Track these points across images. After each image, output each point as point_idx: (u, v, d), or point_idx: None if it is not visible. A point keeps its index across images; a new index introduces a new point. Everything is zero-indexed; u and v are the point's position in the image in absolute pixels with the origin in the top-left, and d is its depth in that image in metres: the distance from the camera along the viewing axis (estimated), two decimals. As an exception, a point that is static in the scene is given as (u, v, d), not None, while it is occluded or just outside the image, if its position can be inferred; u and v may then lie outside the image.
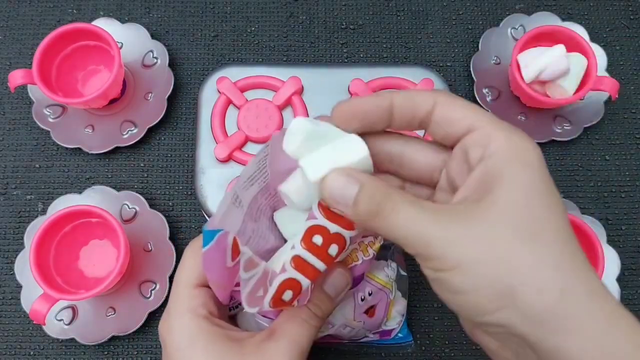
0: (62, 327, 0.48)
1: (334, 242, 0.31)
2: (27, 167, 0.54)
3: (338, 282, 0.35)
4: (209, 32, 0.58)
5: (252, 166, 0.34)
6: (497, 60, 0.56)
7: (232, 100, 0.51)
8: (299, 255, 0.31)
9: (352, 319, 0.40)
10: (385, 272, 0.40)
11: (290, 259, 0.31)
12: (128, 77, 0.55)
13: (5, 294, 0.51)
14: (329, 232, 0.31)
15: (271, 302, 0.31)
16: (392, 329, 0.43)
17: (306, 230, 0.31)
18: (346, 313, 0.39)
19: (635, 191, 0.54)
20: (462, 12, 0.59)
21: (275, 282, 0.31)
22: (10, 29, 0.58)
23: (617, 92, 0.51)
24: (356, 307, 0.39)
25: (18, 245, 0.51)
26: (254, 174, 0.34)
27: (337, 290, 0.35)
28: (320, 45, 0.58)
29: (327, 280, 0.35)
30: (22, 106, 0.56)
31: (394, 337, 0.44)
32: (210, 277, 0.32)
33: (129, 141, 0.53)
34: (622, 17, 0.59)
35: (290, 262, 0.31)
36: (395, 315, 0.42)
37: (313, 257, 0.31)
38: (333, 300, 0.35)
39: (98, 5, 0.58)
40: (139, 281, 0.50)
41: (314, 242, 0.31)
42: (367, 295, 0.39)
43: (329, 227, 0.31)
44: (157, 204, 0.53)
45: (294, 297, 0.31)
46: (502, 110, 0.54)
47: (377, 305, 0.40)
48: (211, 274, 0.32)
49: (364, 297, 0.39)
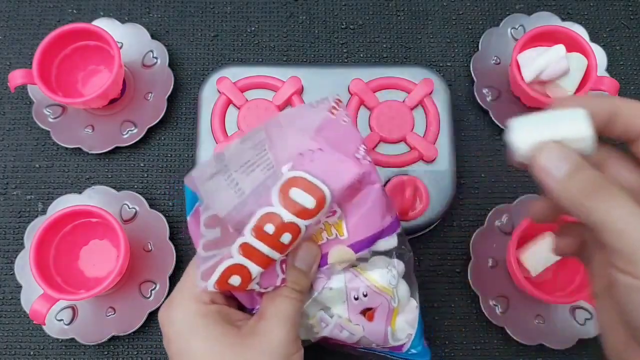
0: (62, 327, 0.48)
1: (287, 230, 0.33)
2: (27, 167, 0.54)
3: (306, 256, 0.36)
4: (209, 32, 0.58)
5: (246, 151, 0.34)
6: (497, 60, 0.56)
7: (232, 100, 0.51)
8: (248, 242, 0.32)
9: (347, 319, 0.38)
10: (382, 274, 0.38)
11: (239, 246, 0.32)
12: (128, 77, 0.55)
13: (5, 294, 0.51)
14: (282, 220, 0.32)
15: (216, 284, 0.33)
16: (401, 344, 0.40)
17: (259, 218, 0.32)
18: (339, 310, 0.38)
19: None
20: (462, 12, 0.59)
21: (221, 266, 0.33)
22: (10, 29, 0.58)
23: (617, 92, 0.51)
24: (349, 306, 0.38)
25: (18, 245, 0.51)
26: (251, 159, 0.34)
27: (307, 264, 0.36)
28: (320, 45, 0.58)
29: (297, 256, 0.36)
30: (22, 106, 0.56)
31: (407, 352, 0.41)
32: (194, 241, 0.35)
33: (129, 141, 0.53)
34: (622, 17, 0.59)
35: (238, 249, 0.32)
36: (402, 326, 0.40)
37: (263, 245, 0.33)
38: (307, 274, 0.36)
39: (98, 5, 0.58)
40: (139, 281, 0.50)
41: (265, 231, 0.32)
42: (362, 296, 0.38)
43: (283, 215, 0.32)
44: (157, 204, 0.53)
45: (243, 282, 0.33)
46: (502, 110, 0.54)
47: (376, 309, 0.39)
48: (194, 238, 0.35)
49: (357, 296, 0.38)
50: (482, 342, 0.50)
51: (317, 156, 0.35)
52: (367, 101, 0.50)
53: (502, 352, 0.50)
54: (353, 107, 0.51)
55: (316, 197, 0.33)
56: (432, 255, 0.52)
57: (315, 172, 0.34)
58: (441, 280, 0.52)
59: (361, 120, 0.51)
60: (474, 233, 0.51)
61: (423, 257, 0.52)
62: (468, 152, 0.55)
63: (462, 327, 0.51)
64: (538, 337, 0.48)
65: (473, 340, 0.50)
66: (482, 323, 0.50)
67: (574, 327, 0.48)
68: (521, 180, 0.54)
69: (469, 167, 0.54)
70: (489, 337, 0.50)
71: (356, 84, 0.51)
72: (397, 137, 0.50)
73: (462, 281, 0.51)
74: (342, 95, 0.51)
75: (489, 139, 0.55)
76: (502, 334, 0.49)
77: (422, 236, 0.52)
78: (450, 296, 0.51)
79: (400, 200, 0.48)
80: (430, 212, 0.49)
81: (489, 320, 0.49)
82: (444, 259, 0.52)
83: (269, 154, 0.35)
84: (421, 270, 0.52)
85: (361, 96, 0.50)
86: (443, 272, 0.52)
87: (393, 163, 0.49)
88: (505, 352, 0.50)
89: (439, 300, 0.51)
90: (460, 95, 0.56)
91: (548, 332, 0.48)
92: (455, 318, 0.51)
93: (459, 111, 0.55)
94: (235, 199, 0.34)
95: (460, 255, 0.52)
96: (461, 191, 0.54)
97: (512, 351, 0.50)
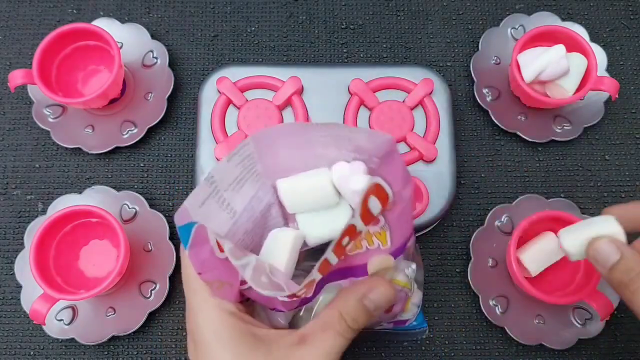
0: (62, 327, 0.48)
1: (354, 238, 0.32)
2: (27, 167, 0.54)
3: (381, 297, 0.34)
4: (209, 32, 0.58)
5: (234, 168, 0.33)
6: (497, 60, 0.56)
7: (232, 100, 0.51)
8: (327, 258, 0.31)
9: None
10: (404, 273, 0.39)
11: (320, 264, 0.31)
12: (128, 77, 0.55)
13: (5, 294, 0.51)
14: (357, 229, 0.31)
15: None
16: (407, 319, 0.43)
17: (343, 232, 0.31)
18: None
19: (635, 191, 0.54)
20: (462, 12, 0.59)
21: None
22: (10, 29, 0.58)
23: (617, 92, 0.51)
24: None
25: (18, 245, 0.51)
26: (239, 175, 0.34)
27: (378, 306, 0.34)
28: (320, 45, 0.58)
29: (370, 294, 0.34)
30: (22, 106, 0.56)
31: (408, 325, 0.43)
32: (209, 278, 0.32)
33: (129, 141, 0.53)
34: (622, 17, 0.59)
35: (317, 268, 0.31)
36: (411, 307, 0.42)
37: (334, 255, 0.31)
38: (372, 314, 0.34)
39: (98, 5, 0.58)
40: (139, 281, 0.50)
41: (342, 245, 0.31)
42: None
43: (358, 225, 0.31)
44: (157, 204, 0.53)
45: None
46: (502, 110, 0.54)
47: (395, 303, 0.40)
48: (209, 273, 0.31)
49: None
50: (482, 342, 0.50)
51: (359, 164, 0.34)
52: (367, 101, 0.50)
53: (502, 352, 0.50)
54: (353, 107, 0.51)
55: (382, 201, 0.32)
56: (432, 255, 0.52)
57: (380, 174, 0.33)
58: (441, 280, 0.52)
59: (361, 121, 0.51)
60: (474, 233, 0.51)
61: (423, 257, 0.52)
62: (468, 152, 0.55)
63: (462, 327, 0.51)
64: (538, 337, 0.48)
65: (473, 340, 0.50)
66: (482, 323, 0.50)
67: (574, 327, 0.48)
68: (521, 180, 0.54)
69: (469, 167, 0.54)
70: (489, 337, 0.50)
71: (356, 84, 0.51)
72: (397, 137, 0.50)
73: (462, 281, 0.51)
74: (342, 95, 0.51)
75: (489, 139, 0.55)
76: (502, 334, 0.49)
77: (422, 236, 0.52)
78: (450, 296, 0.51)
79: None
80: (430, 212, 0.49)
81: (489, 320, 0.49)
82: (444, 259, 0.52)
83: (257, 165, 0.35)
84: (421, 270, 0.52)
85: (361, 96, 0.50)
86: (443, 272, 0.52)
87: (393, 163, 0.49)
88: (505, 352, 0.50)
89: (439, 300, 0.51)
90: (460, 95, 0.56)
91: (548, 332, 0.48)
92: (455, 318, 0.51)
93: (459, 111, 0.55)
94: (229, 221, 0.33)
95: (460, 255, 0.52)
96: (461, 191, 0.54)
97: (512, 351, 0.50)
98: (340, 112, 0.51)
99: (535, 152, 0.54)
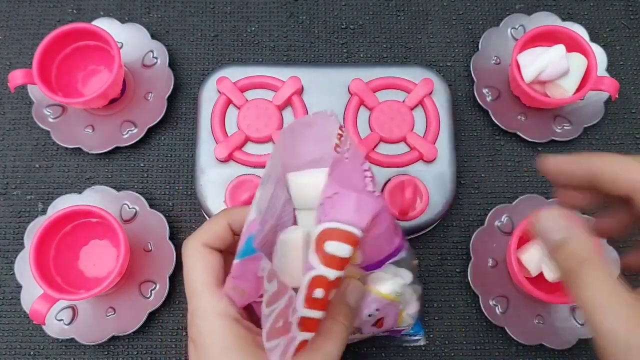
0: (62, 327, 0.48)
1: (334, 287, 0.32)
2: (27, 167, 0.54)
3: (355, 293, 0.36)
4: (209, 32, 0.58)
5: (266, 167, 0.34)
6: (497, 60, 0.56)
7: (232, 100, 0.51)
8: (304, 316, 0.31)
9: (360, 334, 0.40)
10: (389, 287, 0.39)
11: (297, 323, 0.31)
12: (128, 77, 0.55)
13: (5, 294, 0.51)
14: (328, 280, 0.31)
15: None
16: (402, 329, 0.43)
17: (307, 286, 0.31)
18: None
19: (635, 191, 0.54)
20: (462, 12, 0.59)
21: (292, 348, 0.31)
22: (10, 29, 0.58)
23: (617, 92, 0.51)
24: (364, 323, 0.38)
25: (18, 245, 0.51)
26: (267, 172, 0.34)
27: (356, 300, 0.36)
28: (320, 45, 0.58)
29: (347, 292, 0.36)
30: (22, 106, 0.56)
31: (403, 333, 0.44)
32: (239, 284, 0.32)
33: (129, 141, 0.53)
34: (622, 17, 0.59)
35: (297, 327, 0.31)
36: (406, 318, 0.42)
37: (316, 312, 0.31)
38: (355, 309, 0.36)
39: (98, 5, 0.58)
40: (138, 281, 0.50)
41: (315, 298, 0.31)
42: (374, 311, 0.38)
43: (328, 275, 0.31)
44: (157, 204, 0.53)
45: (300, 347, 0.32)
46: (502, 110, 0.54)
47: (385, 317, 0.39)
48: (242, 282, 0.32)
49: (370, 314, 0.38)
50: (482, 342, 0.50)
51: (337, 201, 0.33)
52: (367, 101, 0.50)
53: (502, 352, 0.50)
54: (353, 107, 0.51)
55: (351, 243, 0.32)
56: (432, 255, 0.52)
57: (341, 217, 0.32)
58: (441, 280, 0.52)
59: (361, 120, 0.51)
60: (474, 233, 0.51)
61: (423, 257, 0.52)
62: (468, 152, 0.55)
63: (462, 327, 0.51)
64: (538, 337, 0.48)
65: (473, 340, 0.50)
66: (482, 323, 0.50)
67: (574, 327, 0.48)
68: (521, 180, 0.54)
69: (469, 167, 0.54)
70: (489, 337, 0.50)
71: (356, 84, 0.51)
72: (397, 137, 0.50)
73: (462, 281, 0.51)
74: (342, 95, 0.51)
75: (489, 139, 0.55)
76: (502, 334, 0.49)
77: (422, 236, 0.52)
78: (450, 296, 0.51)
79: (400, 200, 0.48)
80: (430, 212, 0.49)
81: (489, 320, 0.49)
82: (444, 259, 0.52)
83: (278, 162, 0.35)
84: (421, 270, 0.52)
85: (361, 96, 0.50)
86: (443, 272, 0.52)
87: (393, 163, 0.49)
88: (505, 352, 0.50)
89: (439, 300, 0.51)
90: (460, 95, 0.56)
91: (548, 332, 0.48)
92: (455, 318, 0.51)
93: (459, 111, 0.55)
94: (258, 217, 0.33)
95: (460, 255, 0.52)
96: (461, 191, 0.54)
97: (512, 351, 0.50)
98: (341, 112, 0.51)
99: (535, 152, 0.54)
